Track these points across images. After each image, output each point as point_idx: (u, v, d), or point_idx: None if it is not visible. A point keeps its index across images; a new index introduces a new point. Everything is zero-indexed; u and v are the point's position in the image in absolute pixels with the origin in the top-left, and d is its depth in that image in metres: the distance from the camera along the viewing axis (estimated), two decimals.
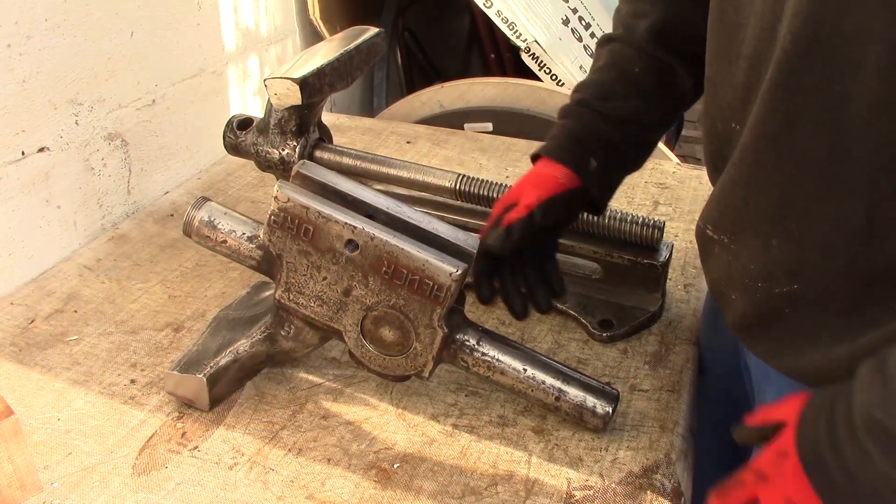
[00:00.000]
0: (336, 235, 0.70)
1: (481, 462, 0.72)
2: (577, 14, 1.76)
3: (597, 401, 0.73)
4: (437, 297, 0.69)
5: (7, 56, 0.91)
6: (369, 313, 0.72)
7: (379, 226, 0.70)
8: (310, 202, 0.70)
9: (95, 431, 0.75)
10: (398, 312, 0.71)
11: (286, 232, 0.71)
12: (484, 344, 0.74)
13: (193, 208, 0.77)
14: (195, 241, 0.78)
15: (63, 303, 0.94)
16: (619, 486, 0.69)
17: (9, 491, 0.66)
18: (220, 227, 0.77)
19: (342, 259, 0.71)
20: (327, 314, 0.73)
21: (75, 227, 1.06)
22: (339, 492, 0.69)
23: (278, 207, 0.71)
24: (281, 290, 0.74)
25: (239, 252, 0.77)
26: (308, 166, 0.75)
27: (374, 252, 0.70)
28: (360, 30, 1.02)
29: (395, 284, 0.70)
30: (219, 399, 0.78)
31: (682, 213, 1.15)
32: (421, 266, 0.69)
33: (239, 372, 0.79)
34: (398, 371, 0.74)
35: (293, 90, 0.90)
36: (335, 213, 0.70)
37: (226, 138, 1.04)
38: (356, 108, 1.94)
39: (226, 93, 1.34)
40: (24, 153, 0.96)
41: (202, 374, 0.76)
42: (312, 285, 0.73)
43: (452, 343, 0.74)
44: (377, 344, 0.73)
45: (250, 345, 0.78)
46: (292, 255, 0.72)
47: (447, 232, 0.73)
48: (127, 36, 1.09)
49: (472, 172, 0.96)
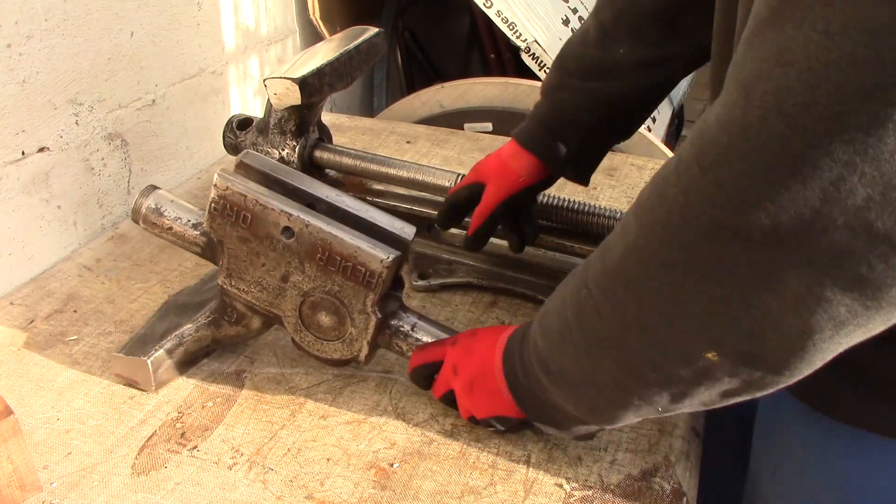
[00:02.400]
0: (272, 222, 0.72)
1: (480, 462, 0.72)
2: (577, 14, 1.76)
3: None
4: (369, 283, 0.71)
5: (7, 56, 0.91)
6: (307, 299, 0.74)
7: (314, 213, 0.73)
8: (247, 190, 0.73)
9: (95, 431, 0.75)
10: (334, 298, 0.73)
11: (226, 219, 0.74)
12: (418, 330, 0.76)
13: (141, 196, 0.80)
14: (143, 228, 0.81)
15: (63, 303, 0.94)
16: (619, 488, 0.69)
17: (8, 491, 0.66)
18: (167, 214, 0.79)
19: (279, 245, 0.73)
20: (267, 299, 0.76)
21: (75, 227, 1.06)
22: (338, 491, 0.69)
23: (217, 195, 0.73)
24: (223, 276, 0.76)
25: (184, 238, 0.79)
26: (251, 156, 0.77)
27: (308, 239, 0.71)
28: (360, 30, 1.02)
29: (330, 271, 0.72)
30: (164, 381, 0.80)
31: None
32: (353, 253, 0.71)
33: (185, 355, 0.81)
34: (335, 355, 0.76)
35: (293, 90, 0.90)
36: (271, 201, 0.72)
37: (226, 138, 1.05)
38: (356, 108, 1.94)
39: (226, 93, 1.34)
40: (24, 153, 0.96)
41: (147, 356, 0.78)
42: (252, 271, 0.75)
43: (387, 329, 0.75)
44: (315, 329, 0.75)
45: (195, 329, 0.80)
46: (232, 242, 0.75)
47: (384, 220, 0.75)
48: (127, 36, 1.09)
49: None
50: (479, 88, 1.55)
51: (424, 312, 0.92)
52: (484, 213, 0.85)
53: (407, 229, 0.75)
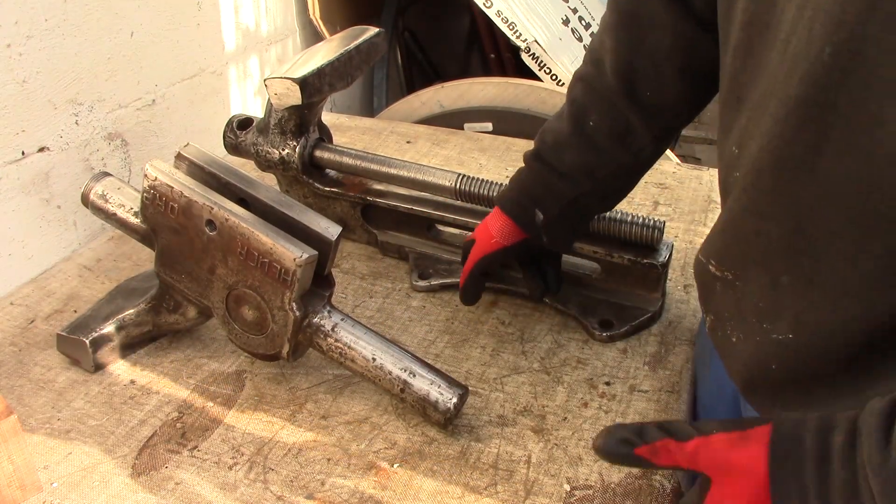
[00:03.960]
0: (197, 215, 0.74)
1: (481, 462, 0.72)
2: (577, 14, 1.76)
3: (440, 396, 0.73)
4: (285, 280, 0.72)
5: (7, 56, 0.91)
6: (231, 292, 0.76)
7: (237, 208, 0.74)
8: (174, 182, 0.75)
9: (95, 431, 0.75)
10: (255, 293, 0.74)
11: (156, 209, 0.76)
12: (339, 331, 0.75)
13: (92, 181, 0.84)
14: (91, 213, 0.85)
15: (63, 303, 0.94)
16: (619, 487, 0.69)
17: (9, 491, 0.66)
18: (112, 200, 0.83)
19: (204, 238, 0.74)
20: (197, 290, 0.78)
21: (75, 227, 1.06)
22: (338, 491, 0.69)
23: (148, 185, 0.76)
24: (158, 264, 0.79)
25: (127, 225, 0.83)
26: (191, 149, 0.79)
27: (229, 233, 0.73)
28: (360, 30, 1.02)
29: (249, 266, 0.73)
30: (104, 363, 0.83)
31: (682, 213, 1.15)
32: (269, 249, 0.71)
33: (126, 339, 0.83)
34: (260, 350, 0.77)
35: (293, 90, 0.90)
36: (195, 194, 0.74)
37: (226, 138, 1.05)
38: (356, 108, 1.94)
39: (226, 93, 1.34)
40: (24, 153, 0.96)
41: (86, 337, 0.81)
42: (183, 261, 0.77)
43: (308, 327, 0.75)
44: (240, 322, 0.77)
45: (136, 314, 0.83)
46: (164, 232, 0.77)
47: (310, 219, 0.75)
48: (127, 36, 1.09)
49: (472, 172, 0.96)
50: (479, 88, 1.55)
51: (424, 312, 0.93)
52: (465, 271, 0.88)
53: (332, 229, 0.74)
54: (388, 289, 0.97)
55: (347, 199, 1.03)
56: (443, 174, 0.95)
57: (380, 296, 0.96)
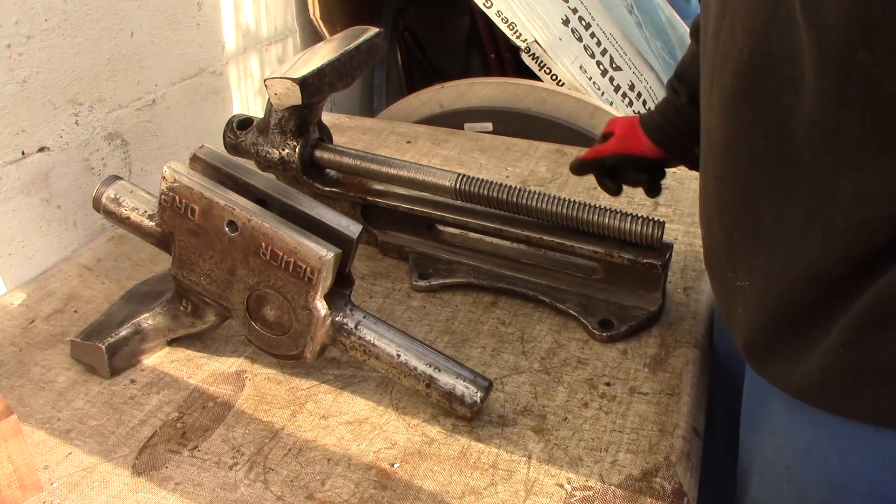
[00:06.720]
0: (218, 216, 0.73)
1: (481, 462, 0.72)
2: (577, 14, 1.76)
3: (466, 389, 0.74)
4: (310, 279, 0.71)
5: (7, 56, 0.91)
6: (253, 293, 0.75)
7: (258, 208, 0.73)
8: (194, 183, 0.74)
9: (95, 431, 0.75)
10: (278, 293, 0.74)
11: (175, 211, 0.75)
12: (362, 328, 0.75)
13: (103, 185, 0.82)
14: (103, 216, 0.83)
15: (63, 303, 0.94)
16: (619, 488, 0.69)
17: (9, 491, 0.66)
18: (125, 204, 0.82)
19: (225, 239, 0.74)
20: (216, 292, 0.77)
21: (75, 227, 1.06)
22: (338, 492, 0.69)
23: (167, 187, 0.75)
24: (175, 267, 0.78)
25: (140, 229, 0.82)
26: (206, 150, 0.79)
27: (251, 233, 0.72)
28: (360, 30, 1.02)
29: (273, 266, 0.73)
30: (120, 368, 0.81)
31: (682, 214, 1.15)
32: (294, 248, 0.71)
33: (142, 343, 0.82)
34: (282, 350, 0.77)
35: (293, 90, 0.90)
36: (216, 195, 0.73)
37: (226, 138, 1.04)
38: (356, 108, 1.94)
39: (226, 93, 1.34)
40: (24, 153, 0.96)
41: (102, 342, 0.80)
42: (202, 263, 0.76)
43: (331, 326, 0.75)
44: (262, 323, 0.76)
45: (152, 318, 0.82)
46: (182, 234, 0.76)
47: (331, 218, 0.75)
48: (127, 36, 1.09)
49: (472, 172, 0.96)
50: (479, 88, 1.55)
51: (424, 312, 0.93)
52: (600, 151, 0.97)
53: (353, 227, 0.75)
54: (388, 289, 0.97)
55: (347, 199, 1.03)
56: (443, 174, 0.95)
57: (380, 296, 0.96)
